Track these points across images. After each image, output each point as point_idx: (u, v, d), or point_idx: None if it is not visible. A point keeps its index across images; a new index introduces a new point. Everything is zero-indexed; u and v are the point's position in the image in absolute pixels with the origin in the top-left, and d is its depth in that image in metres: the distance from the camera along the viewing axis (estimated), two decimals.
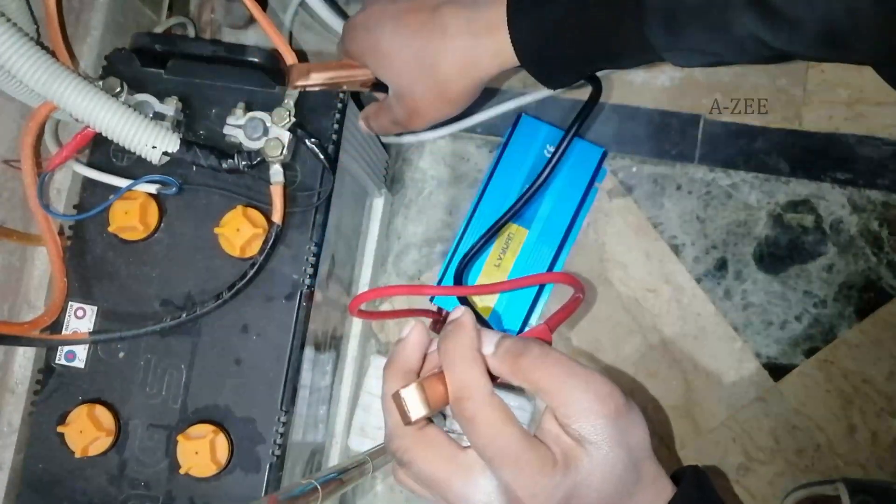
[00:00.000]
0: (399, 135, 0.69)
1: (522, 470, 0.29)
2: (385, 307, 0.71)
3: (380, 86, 0.47)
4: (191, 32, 0.70)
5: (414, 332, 0.33)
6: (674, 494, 0.33)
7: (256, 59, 0.46)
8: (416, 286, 0.63)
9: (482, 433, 0.30)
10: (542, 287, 0.64)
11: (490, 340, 0.32)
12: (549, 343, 0.34)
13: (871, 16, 0.33)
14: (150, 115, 0.46)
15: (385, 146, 0.68)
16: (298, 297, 0.46)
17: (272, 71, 0.47)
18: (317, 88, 0.46)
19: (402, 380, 0.32)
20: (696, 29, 0.36)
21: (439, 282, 0.65)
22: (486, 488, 0.30)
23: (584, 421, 0.30)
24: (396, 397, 0.30)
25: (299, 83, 0.46)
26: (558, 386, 0.30)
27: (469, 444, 0.31)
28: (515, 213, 0.59)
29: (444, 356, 0.31)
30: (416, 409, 0.30)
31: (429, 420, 0.32)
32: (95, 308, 0.47)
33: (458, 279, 0.63)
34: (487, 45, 0.39)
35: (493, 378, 0.32)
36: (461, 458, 0.31)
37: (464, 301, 0.62)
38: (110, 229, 0.47)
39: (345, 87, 0.47)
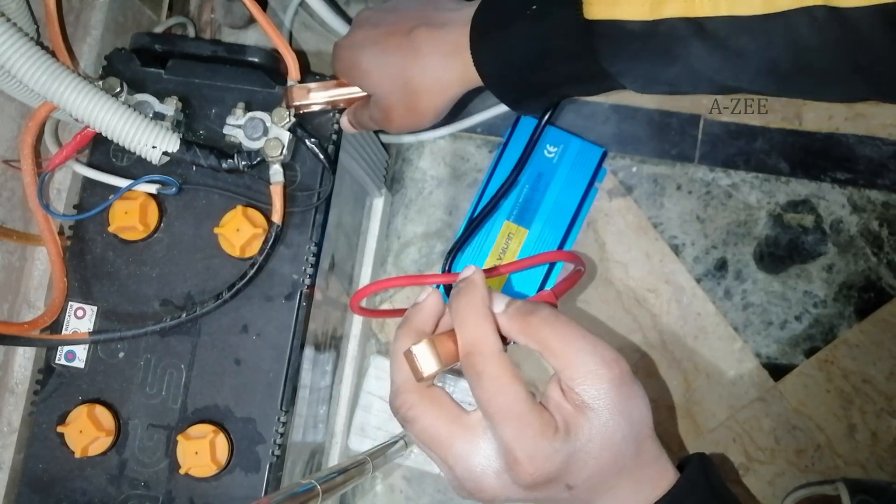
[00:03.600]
0: (397, 134, 0.69)
1: (524, 431, 0.30)
2: (385, 306, 0.71)
3: None
4: (191, 32, 0.70)
5: (431, 297, 0.34)
6: (678, 479, 0.33)
7: (256, 59, 0.46)
8: (415, 276, 0.63)
9: (488, 388, 0.30)
10: (545, 280, 0.64)
11: (501, 300, 0.33)
12: (556, 307, 0.34)
13: (815, 48, 0.32)
14: (150, 115, 0.46)
15: (385, 146, 0.68)
16: (298, 297, 0.46)
17: (272, 71, 0.47)
18: (316, 108, 0.47)
19: (415, 339, 0.32)
20: (645, 57, 0.37)
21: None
22: (486, 451, 0.31)
23: (587, 384, 0.30)
24: (408, 354, 0.31)
25: (297, 103, 0.46)
26: (565, 346, 0.31)
27: (474, 408, 0.31)
28: (496, 205, 0.63)
29: (455, 313, 0.32)
30: (428, 365, 0.30)
31: (435, 384, 0.33)
32: (95, 308, 0.47)
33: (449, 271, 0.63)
34: (454, 66, 0.42)
35: (503, 340, 0.32)
36: (464, 419, 0.31)
37: None
38: (110, 229, 0.47)
39: (342, 106, 0.48)
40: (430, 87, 0.43)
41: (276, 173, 0.46)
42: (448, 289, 0.63)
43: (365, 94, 0.46)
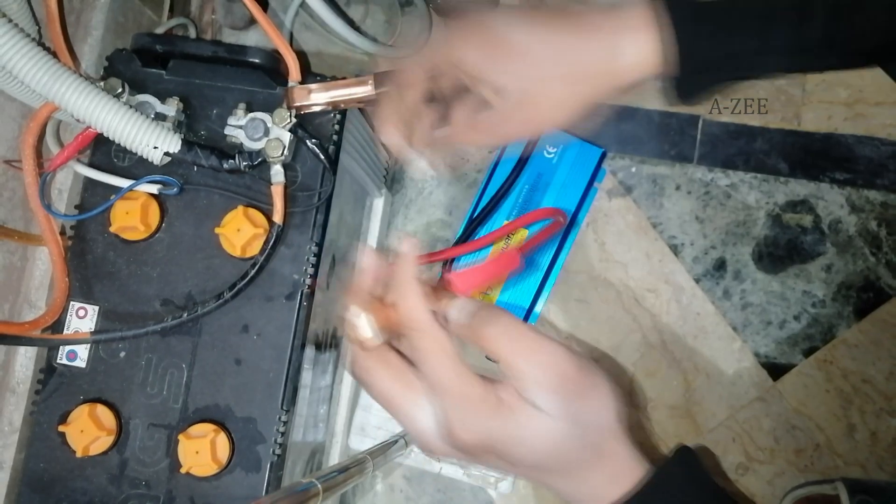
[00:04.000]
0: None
1: (460, 403, 0.31)
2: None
3: (377, 102, 0.47)
4: (191, 33, 0.70)
5: (364, 257, 0.34)
6: (655, 471, 0.33)
7: (257, 60, 0.46)
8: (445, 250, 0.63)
9: (423, 361, 0.31)
10: (543, 282, 0.64)
11: (456, 307, 0.32)
12: (518, 266, 0.34)
13: None
14: (152, 116, 0.46)
15: (385, 146, 0.68)
16: (299, 297, 0.47)
17: (273, 72, 0.47)
18: (317, 109, 0.47)
19: (358, 302, 0.33)
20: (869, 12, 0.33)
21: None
22: (428, 413, 0.32)
23: (541, 395, 0.31)
24: (349, 322, 0.32)
25: (298, 104, 0.46)
26: (516, 359, 0.31)
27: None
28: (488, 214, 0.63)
29: (392, 288, 0.33)
30: (366, 333, 0.32)
31: (391, 346, 0.34)
32: (97, 308, 0.47)
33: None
34: (631, 47, 0.35)
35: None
36: (412, 382, 0.32)
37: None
38: (111, 229, 0.47)
39: (342, 106, 0.47)
40: (600, 73, 0.35)
41: (277, 174, 0.46)
42: None
43: (369, 94, 0.46)
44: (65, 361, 0.47)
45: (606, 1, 0.36)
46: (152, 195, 0.47)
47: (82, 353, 0.47)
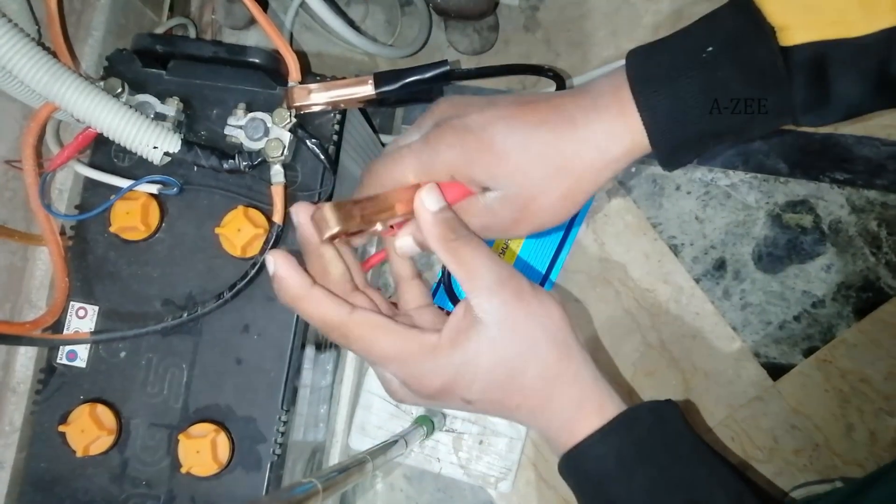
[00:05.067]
0: None
1: (405, 362, 0.33)
2: None
3: (380, 102, 0.47)
4: (192, 33, 0.70)
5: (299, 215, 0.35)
6: (617, 415, 0.33)
7: (257, 60, 0.46)
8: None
9: (357, 349, 0.33)
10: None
11: (435, 200, 0.34)
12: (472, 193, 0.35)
13: None
14: (152, 116, 0.46)
15: (385, 146, 0.68)
16: None
17: (273, 72, 0.47)
18: (317, 109, 0.47)
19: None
20: (847, 77, 0.33)
21: (439, 282, 0.65)
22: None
23: (481, 298, 0.32)
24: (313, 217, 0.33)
25: (298, 104, 0.46)
26: (471, 261, 0.33)
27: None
28: None
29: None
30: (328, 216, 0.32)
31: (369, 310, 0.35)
32: (97, 308, 0.47)
33: (449, 276, 0.63)
34: (621, 133, 0.34)
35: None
36: (384, 346, 0.33)
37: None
38: (112, 229, 0.47)
39: (342, 106, 0.47)
40: (592, 164, 0.35)
41: (277, 174, 0.46)
42: (448, 289, 0.63)
43: (369, 95, 0.46)
44: (65, 361, 0.47)
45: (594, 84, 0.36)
46: (152, 195, 0.47)
47: (82, 353, 0.47)
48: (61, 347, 0.47)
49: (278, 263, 0.33)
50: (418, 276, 0.39)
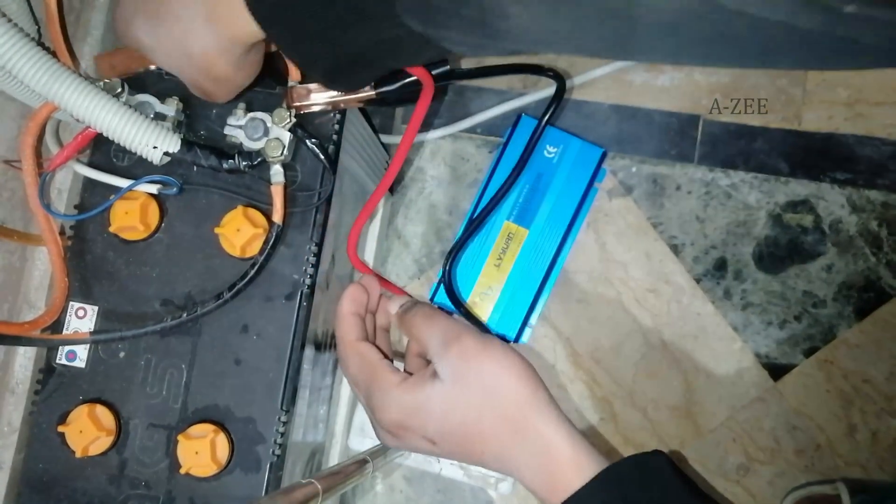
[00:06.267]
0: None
1: (373, 392, 0.39)
2: None
3: (380, 102, 0.47)
4: None
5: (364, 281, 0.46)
6: (598, 473, 0.33)
7: None
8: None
9: (345, 369, 0.42)
10: (544, 282, 0.64)
11: (396, 302, 0.45)
12: (431, 87, 0.43)
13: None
14: (151, 116, 0.46)
15: (385, 146, 0.68)
16: (299, 297, 0.46)
17: (273, 71, 0.47)
18: (316, 108, 0.47)
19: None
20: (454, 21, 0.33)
21: (439, 282, 0.65)
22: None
23: (435, 358, 0.38)
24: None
25: (298, 103, 0.46)
26: (424, 333, 0.40)
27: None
28: (496, 204, 0.63)
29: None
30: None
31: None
32: (96, 308, 0.47)
33: (449, 276, 0.63)
34: (224, 20, 0.36)
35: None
36: (363, 374, 0.40)
37: (458, 305, 0.63)
38: (111, 229, 0.47)
39: (342, 106, 0.47)
40: (214, 49, 0.37)
41: (277, 173, 0.46)
42: (448, 289, 0.63)
43: (369, 95, 0.46)
44: (64, 362, 0.47)
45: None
46: (152, 195, 0.47)
47: (82, 354, 0.47)
48: (60, 348, 0.47)
49: (347, 298, 0.44)
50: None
